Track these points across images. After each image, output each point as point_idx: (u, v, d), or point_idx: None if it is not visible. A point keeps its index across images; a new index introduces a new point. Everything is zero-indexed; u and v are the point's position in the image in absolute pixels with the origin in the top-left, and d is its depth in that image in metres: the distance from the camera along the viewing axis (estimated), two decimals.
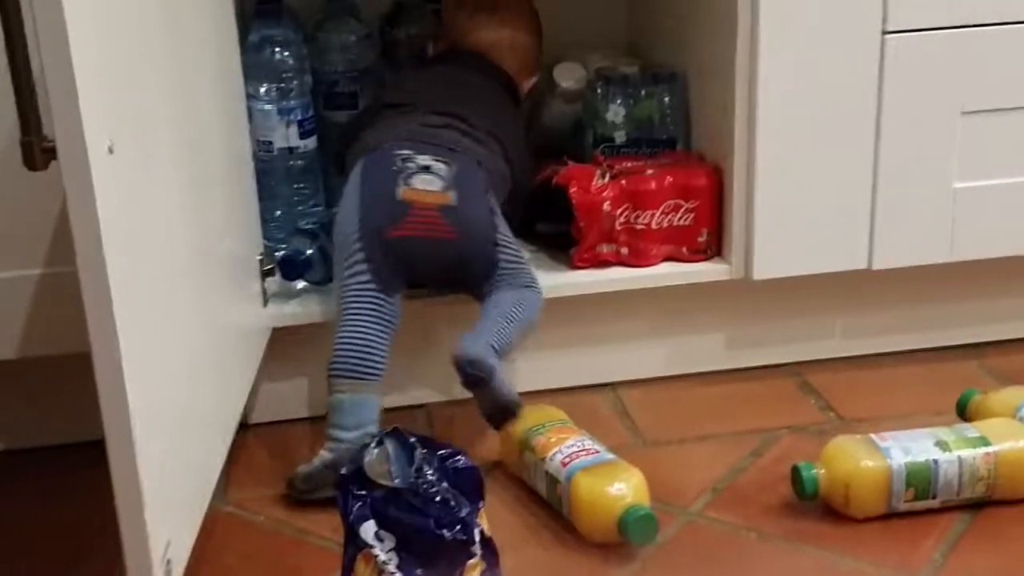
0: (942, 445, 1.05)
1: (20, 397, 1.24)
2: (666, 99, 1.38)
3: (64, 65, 0.69)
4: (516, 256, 1.19)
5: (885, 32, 1.21)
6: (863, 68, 1.22)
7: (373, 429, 1.09)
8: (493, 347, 1.10)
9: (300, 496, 1.12)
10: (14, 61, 0.74)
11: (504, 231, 1.19)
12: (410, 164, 1.16)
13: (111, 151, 0.74)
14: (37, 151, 0.75)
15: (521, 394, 1.28)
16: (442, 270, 1.17)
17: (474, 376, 1.09)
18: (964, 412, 1.18)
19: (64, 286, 1.07)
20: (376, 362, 1.13)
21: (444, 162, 1.17)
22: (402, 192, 1.14)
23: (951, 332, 1.38)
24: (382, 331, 1.14)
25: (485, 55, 1.34)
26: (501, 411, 1.11)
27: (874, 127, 1.24)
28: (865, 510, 1.05)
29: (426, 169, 1.16)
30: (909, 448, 1.05)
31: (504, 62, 1.34)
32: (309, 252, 1.25)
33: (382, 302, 1.14)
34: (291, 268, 1.24)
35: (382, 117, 1.25)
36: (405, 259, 1.15)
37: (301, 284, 1.27)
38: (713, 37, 1.28)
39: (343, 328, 1.13)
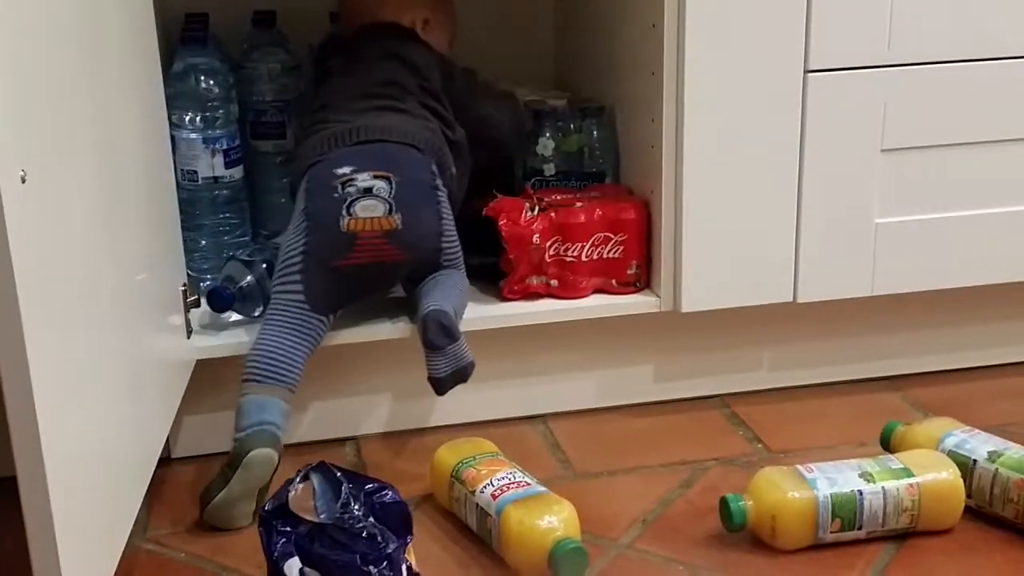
0: (867, 476, 1.06)
1: None
2: (595, 133, 1.40)
3: None
4: (455, 251, 1.23)
5: (807, 71, 1.23)
6: (786, 106, 1.24)
7: (275, 429, 1.09)
8: (455, 311, 1.16)
9: (212, 521, 1.10)
10: None
11: (448, 229, 1.21)
12: (351, 188, 1.16)
13: (24, 180, 0.72)
14: None
15: (452, 427, 1.28)
16: (386, 285, 1.24)
17: (446, 331, 1.13)
18: (888, 443, 1.19)
19: None
20: (288, 369, 1.13)
21: (385, 178, 1.16)
22: (346, 223, 1.15)
23: (874, 364, 1.41)
24: (300, 342, 1.15)
25: (388, 26, 1.34)
26: (459, 373, 1.16)
27: (797, 163, 1.26)
28: (792, 541, 1.06)
29: (368, 192, 1.16)
30: (835, 479, 1.06)
31: (405, 20, 1.35)
32: (241, 284, 1.23)
33: (308, 317, 1.16)
34: (218, 300, 1.22)
35: (309, 128, 1.26)
36: (348, 284, 1.17)
37: (234, 317, 1.24)
38: (638, 74, 1.29)
39: (261, 335, 1.15)
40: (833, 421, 1.32)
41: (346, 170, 1.17)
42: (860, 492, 1.05)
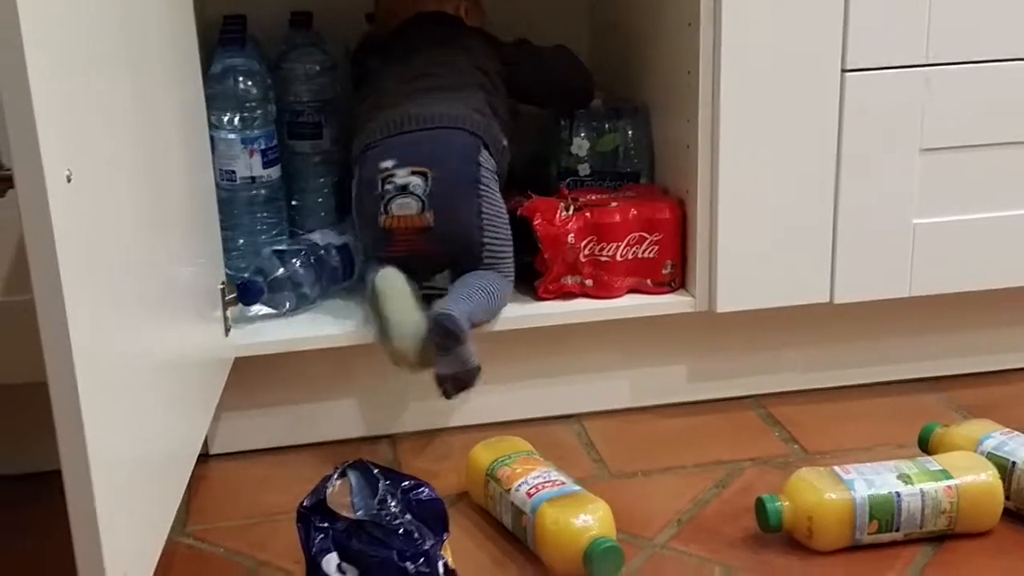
0: (904, 478, 1.05)
1: None
2: (630, 132, 1.39)
3: (22, 94, 0.68)
4: (500, 250, 1.24)
5: (844, 70, 1.23)
6: (823, 106, 1.24)
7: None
8: (468, 314, 1.16)
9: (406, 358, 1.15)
10: None
11: (491, 225, 1.22)
12: (389, 185, 1.20)
13: (69, 180, 0.73)
14: None
15: (487, 426, 1.29)
16: (435, 270, 1.27)
17: (451, 334, 1.13)
18: (926, 445, 1.18)
19: (21, 315, 1.07)
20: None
21: (422, 173, 1.20)
22: (383, 220, 1.21)
23: (912, 365, 1.40)
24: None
25: (436, 14, 1.39)
26: (461, 377, 1.16)
27: (835, 163, 1.25)
28: (829, 542, 1.05)
29: (403, 190, 1.20)
30: (872, 481, 1.05)
31: (448, 8, 1.40)
32: (272, 277, 1.24)
33: None
34: (247, 293, 1.23)
35: (368, 106, 1.30)
36: (403, 267, 1.21)
37: (262, 311, 1.26)
38: (674, 73, 1.29)
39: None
40: (870, 422, 1.31)
41: (388, 164, 1.21)
42: (898, 494, 1.04)
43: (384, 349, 1.17)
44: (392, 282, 1.18)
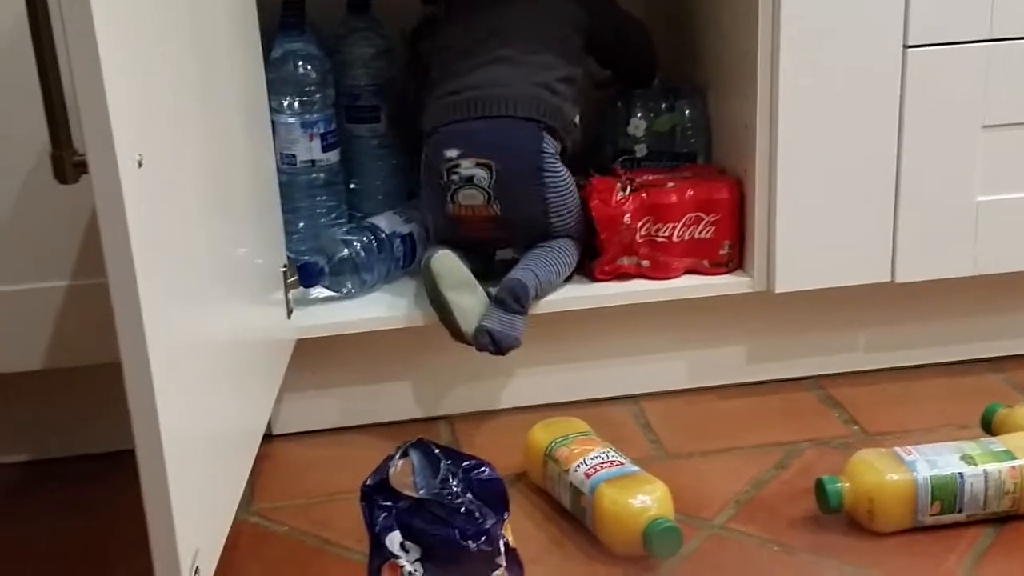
0: (968, 459, 1.04)
1: (48, 407, 1.25)
2: (687, 112, 1.39)
3: (95, 80, 0.70)
4: (567, 220, 1.26)
5: (906, 46, 1.21)
6: (884, 82, 1.22)
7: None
8: (536, 287, 1.21)
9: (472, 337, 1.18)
10: (45, 76, 0.75)
11: (555, 204, 1.24)
12: (454, 176, 1.22)
13: (140, 164, 0.75)
14: (68, 165, 0.75)
15: (544, 406, 1.29)
16: (502, 247, 1.31)
17: (517, 299, 1.19)
18: (989, 426, 1.17)
19: (90, 298, 1.09)
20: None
21: (487, 166, 1.21)
22: (450, 209, 1.24)
23: (975, 345, 1.38)
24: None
25: None
26: (499, 340, 1.18)
27: (896, 140, 1.24)
28: (890, 524, 1.05)
29: (468, 181, 1.22)
30: (935, 462, 1.04)
31: None
32: (333, 259, 1.25)
33: None
34: (307, 274, 1.25)
35: (435, 72, 1.30)
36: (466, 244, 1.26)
37: (324, 293, 1.27)
38: (733, 52, 1.28)
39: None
40: (932, 403, 1.30)
41: (453, 154, 1.22)
42: (961, 475, 1.03)
43: (445, 327, 1.19)
44: (448, 263, 1.20)
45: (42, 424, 1.26)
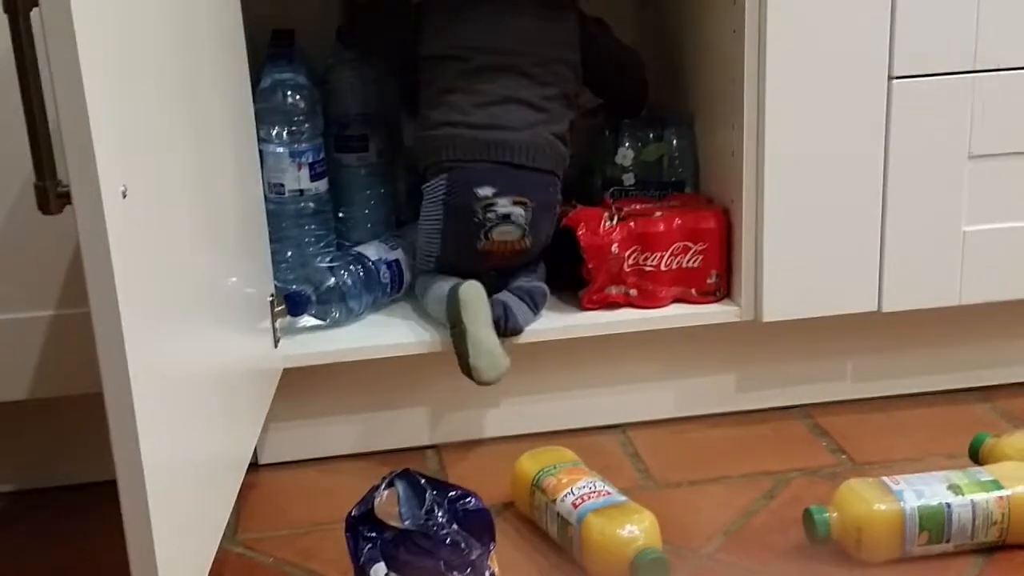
0: (955, 489, 1.04)
1: (32, 438, 1.24)
2: (674, 142, 1.39)
3: (79, 111, 0.70)
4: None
5: (891, 77, 1.22)
6: (870, 113, 1.23)
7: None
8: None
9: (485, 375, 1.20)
10: (29, 107, 0.75)
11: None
12: (491, 214, 1.24)
13: (124, 195, 0.74)
14: (52, 196, 0.75)
15: (532, 435, 1.29)
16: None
17: (533, 301, 1.26)
18: (976, 455, 1.17)
19: (76, 327, 1.09)
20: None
21: (523, 203, 1.24)
22: (482, 245, 1.26)
23: (962, 375, 1.38)
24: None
25: None
26: (507, 313, 1.23)
27: (882, 171, 1.24)
28: (878, 554, 1.04)
29: (506, 218, 1.25)
30: (922, 492, 1.04)
31: None
32: (320, 288, 1.26)
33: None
34: (294, 303, 1.25)
35: (443, 82, 1.29)
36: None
37: (311, 322, 1.27)
38: (720, 81, 1.29)
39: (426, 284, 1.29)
40: (920, 433, 1.30)
41: (487, 192, 1.24)
42: (948, 505, 1.03)
43: (458, 359, 1.20)
44: (476, 293, 1.21)
45: (26, 454, 1.25)
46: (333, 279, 1.27)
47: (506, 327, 1.22)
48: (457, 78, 1.28)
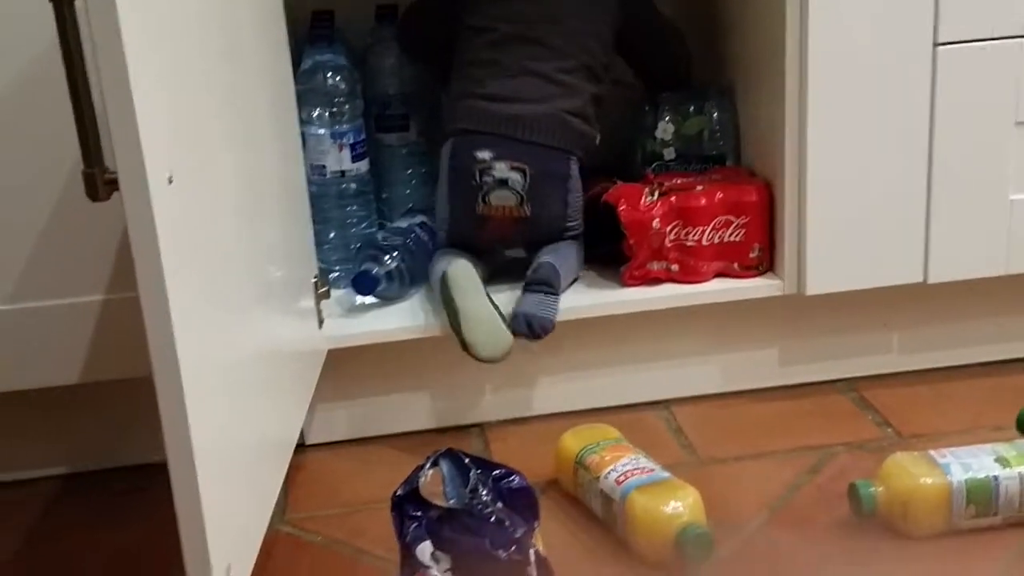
0: (1002, 461, 1.03)
1: (82, 421, 1.27)
2: (715, 115, 1.38)
3: (125, 98, 0.71)
4: (577, 227, 1.30)
5: (937, 44, 1.20)
6: (915, 80, 1.21)
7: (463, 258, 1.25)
8: (562, 274, 1.25)
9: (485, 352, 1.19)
10: (76, 95, 0.77)
11: (573, 212, 1.29)
12: (487, 178, 1.25)
13: (171, 181, 0.76)
14: (99, 182, 0.76)
15: (575, 413, 1.29)
16: (508, 248, 1.33)
17: (549, 280, 1.23)
18: None
19: (126, 311, 1.11)
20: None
21: (520, 170, 1.24)
22: (480, 208, 1.26)
23: (1010, 345, 1.36)
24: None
25: None
26: (534, 324, 1.21)
27: (927, 140, 1.23)
28: (925, 528, 1.04)
29: (503, 183, 1.24)
30: (969, 464, 1.03)
31: None
32: (389, 267, 1.27)
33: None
34: (365, 282, 1.26)
35: (469, 54, 1.30)
36: (484, 244, 1.31)
37: (369, 300, 1.29)
38: (761, 52, 1.28)
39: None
40: (967, 405, 1.28)
41: (486, 156, 1.25)
42: (996, 477, 1.02)
43: (456, 338, 1.20)
44: (464, 272, 1.22)
45: (80, 437, 1.28)
46: (397, 257, 1.28)
47: (535, 331, 1.21)
48: (481, 50, 1.30)
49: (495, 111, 1.26)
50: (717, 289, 1.29)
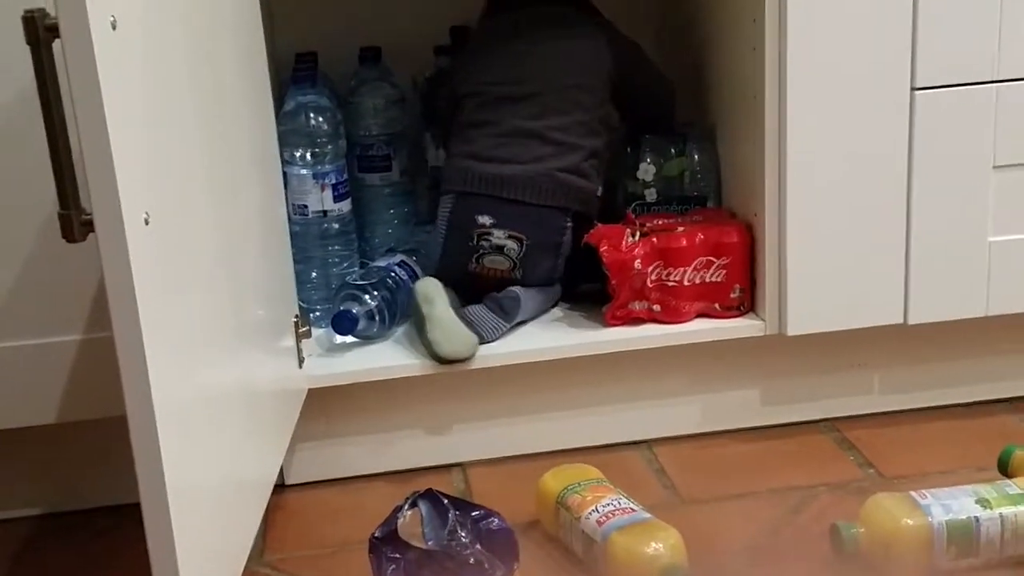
0: (983, 503, 1.03)
1: (59, 461, 1.26)
2: (696, 156, 1.39)
3: (101, 140, 0.71)
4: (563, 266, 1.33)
5: (914, 88, 1.21)
6: (893, 125, 1.22)
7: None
8: (524, 311, 1.29)
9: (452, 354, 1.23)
10: (53, 136, 0.77)
11: (559, 270, 1.32)
12: (485, 243, 1.29)
13: (147, 222, 0.76)
14: (75, 224, 0.76)
15: (557, 452, 1.29)
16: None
17: (503, 308, 1.27)
18: (1006, 468, 1.16)
19: (103, 350, 1.10)
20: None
21: (518, 239, 1.27)
22: (472, 267, 1.30)
23: (990, 386, 1.37)
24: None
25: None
26: (476, 326, 1.25)
27: (906, 183, 1.24)
28: (906, 569, 1.03)
29: (499, 250, 1.29)
30: (950, 506, 1.03)
31: None
32: (368, 307, 1.27)
33: None
34: (343, 323, 1.26)
35: (462, 116, 1.33)
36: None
37: (350, 339, 1.29)
38: (742, 95, 1.29)
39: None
40: (949, 445, 1.29)
41: (486, 221, 1.28)
42: (976, 519, 1.02)
43: (422, 343, 1.23)
44: (432, 285, 1.26)
45: (57, 477, 1.27)
46: (377, 296, 1.27)
47: (475, 332, 1.25)
48: (476, 111, 1.31)
49: (485, 172, 1.28)
50: (698, 329, 1.29)
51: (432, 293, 1.25)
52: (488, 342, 1.25)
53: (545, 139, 1.29)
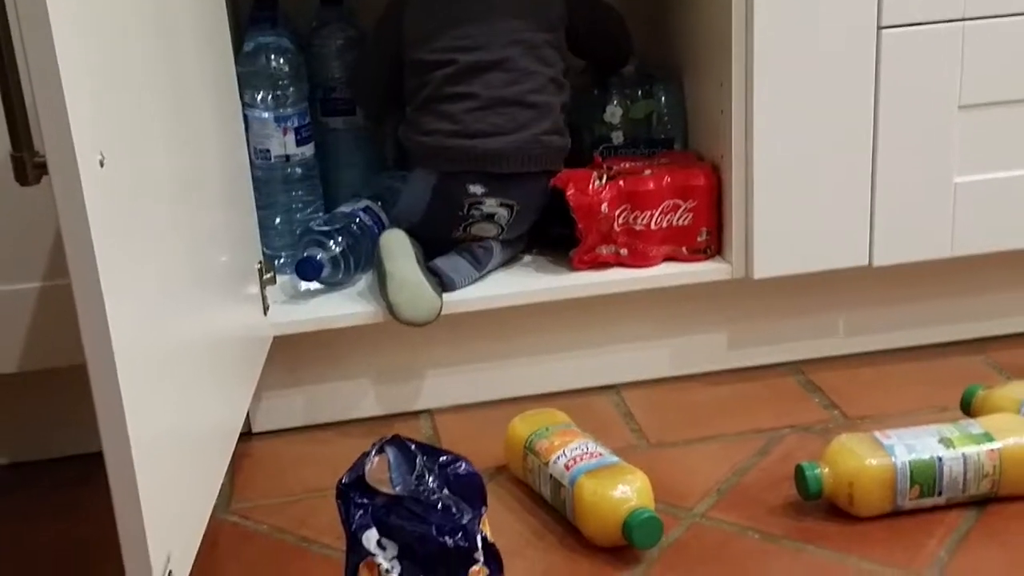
0: (946, 442, 1.04)
1: (22, 410, 1.24)
2: (663, 99, 1.38)
3: (52, 79, 0.69)
4: None
5: (881, 27, 1.21)
6: (859, 64, 1.22)
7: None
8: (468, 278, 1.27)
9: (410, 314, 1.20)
10: (3, 76, 0.74)
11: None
12: (476, 211, 1.27)
13: (102, 164, 0.74)
14: (28, 166, 0.74)
15: (525, 398, 1.29)
16: None
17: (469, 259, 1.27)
18: (968, 408, 1.17)
19: (64, 298, 1.08)
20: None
21: (508, 206, 1.26)
22: (457, 234, 1.28)
23: (954, 327, 1.38)
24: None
25: None
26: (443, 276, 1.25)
27: (871, 123, 1.23)
28: (870, 509, 1.05)
29: (490, 218, 1.27)
30: (913, 446, 1.04)
31: None
32: (332, 253, 1.25)
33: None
34: (308, 269, 1.24)
35: (431, 89, 1.27)
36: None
37: (315, 285, 1.27)
38: (708, 36, 1.27)
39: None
40: (912, 386, 1.30)
41: (477, 191, 1.26)
42: (939, 458, 1.03)
43: (384, 301, 1.21)
44: (397, 238, 1.24)
45: (17, 427, 1.25)
46: (341, 242, 1.26)
47: (442, 283, 1.24)
48: (444, 83, 1.26)
49: (473, 149, 1.25)
50: (666, 273, 1.29)
51: (396, 248, 1.23)
52: (457, 289, 1.24)
53: (524, 104, 1.26)
